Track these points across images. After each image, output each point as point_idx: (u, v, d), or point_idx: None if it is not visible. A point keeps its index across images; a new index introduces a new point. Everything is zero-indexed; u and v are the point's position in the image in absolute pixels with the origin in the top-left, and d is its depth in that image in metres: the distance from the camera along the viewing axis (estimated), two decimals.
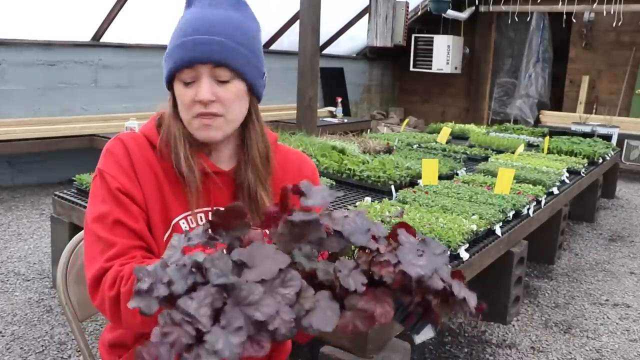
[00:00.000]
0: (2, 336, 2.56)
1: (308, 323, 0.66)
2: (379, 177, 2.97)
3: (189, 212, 1.18)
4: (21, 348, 2.47)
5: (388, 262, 0.71)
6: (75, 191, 2.95)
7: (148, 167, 1.16)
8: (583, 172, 3.98)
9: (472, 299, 0.75)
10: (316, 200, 0.76)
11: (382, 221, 2.29)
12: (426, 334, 0.79)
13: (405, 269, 0.71)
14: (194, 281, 0.69)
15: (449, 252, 2.03)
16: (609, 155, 4.75)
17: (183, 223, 1.17)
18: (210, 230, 0.76)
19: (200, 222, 1.19)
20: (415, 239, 0.77)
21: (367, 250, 0.74)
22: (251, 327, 0.64)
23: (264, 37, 6.93)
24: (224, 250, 0.74)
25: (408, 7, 7.33)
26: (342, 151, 3.50)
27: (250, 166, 1.19)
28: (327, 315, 0.67)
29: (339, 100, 7.47)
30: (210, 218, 1.17)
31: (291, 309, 0.66)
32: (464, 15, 8.28)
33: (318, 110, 5.66)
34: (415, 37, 8.62)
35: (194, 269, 0.70)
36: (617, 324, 2.98)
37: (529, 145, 4.93)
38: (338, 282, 0.69)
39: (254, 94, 1.17)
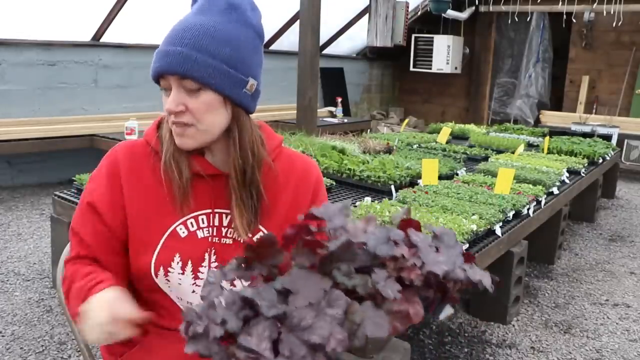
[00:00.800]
0: (2, 336, 2.56)
1: (362, 334, 0.70)
2: (379, 177, 2.97)
3: (188, 217, 1.17)
4: (21, 348, 2.47)
5: (414, 265, 0.76)
6: (75, 191, 2.94)
7: (140, 175, 1.17)
8: (583, 172, 3.98)
9: (486, 279, 0.81)
10: (338, 222, 0.80)
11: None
12: (446, 312, 0.85)
13: (431, 269, 0.76)
14: (244, 315, 0.72)
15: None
16: (609, 155, 4.75)
17: (180, 229, 1.16)
18: (244, 265, 0.79)
19: (202, 225, 1.18)
20: (423, 234, 0.82)
21: (392, 257, 0.78)
22: (310, 352, 0.67)
23: (264, 37, 6.94)
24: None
25: (408, 7, 7.33)
26: (342, 151, 3.50)
27: (236, 173, 1.16)
28: (378, 322, 0.72)
29: (339, 100, 7.47)
30: (222, 221, 1.19)
31: (342, 328, 0.70)
32: (464, 15, 8.28)
33: (318, 110, 5.65)
34: (415, 37, 8.62)
35: (243, 304, 0.73)
36: (617, 324, 2.98)
37: (529, 145, 4.93)
38: (378, 293, 0.74)
39: (237, 105, 1.13)
